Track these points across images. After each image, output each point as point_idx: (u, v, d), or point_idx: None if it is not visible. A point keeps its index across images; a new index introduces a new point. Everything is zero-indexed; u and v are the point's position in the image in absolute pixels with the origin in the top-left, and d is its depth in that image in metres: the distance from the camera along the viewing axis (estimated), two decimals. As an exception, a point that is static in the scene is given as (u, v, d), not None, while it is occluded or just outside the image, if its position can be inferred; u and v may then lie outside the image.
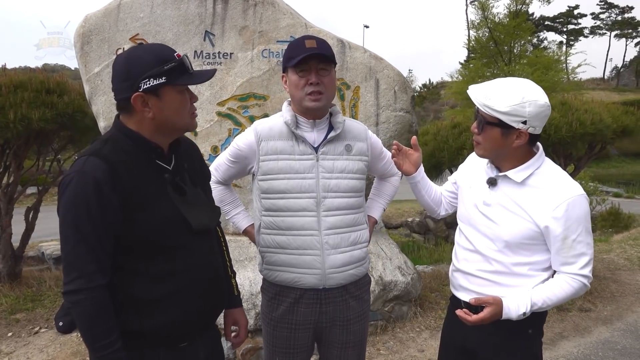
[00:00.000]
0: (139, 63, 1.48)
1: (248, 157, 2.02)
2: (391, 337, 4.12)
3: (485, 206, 1.87)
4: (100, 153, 1.47)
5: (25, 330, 4.31)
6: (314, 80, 1.91)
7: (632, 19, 58.38)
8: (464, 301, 1.91)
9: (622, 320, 4.70)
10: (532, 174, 1.78)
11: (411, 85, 4.70)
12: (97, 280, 1.42)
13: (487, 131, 1.77)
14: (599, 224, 11.26)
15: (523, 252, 1.79)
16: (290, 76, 1.96)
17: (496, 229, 1.82)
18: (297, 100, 1.96)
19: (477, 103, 1.75)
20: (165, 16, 4.21)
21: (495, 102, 1.70)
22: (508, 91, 1.70)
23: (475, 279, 1.88)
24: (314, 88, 1.92)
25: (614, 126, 4.87)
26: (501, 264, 1.81)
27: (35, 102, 4.50)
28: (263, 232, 2.03)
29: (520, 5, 26.74)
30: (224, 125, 4.28)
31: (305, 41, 1.93)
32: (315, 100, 1.93)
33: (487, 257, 1.84)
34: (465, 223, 1.97)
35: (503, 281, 1.82)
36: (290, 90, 1.99)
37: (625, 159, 33.28)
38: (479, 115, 1.79)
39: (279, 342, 2.04)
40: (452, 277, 2.03)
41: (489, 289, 1.83)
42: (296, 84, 1.94)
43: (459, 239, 2.00)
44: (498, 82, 1.77)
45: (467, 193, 1.99)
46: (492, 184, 1.86)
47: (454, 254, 2.03)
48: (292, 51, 1.94)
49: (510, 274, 1.81)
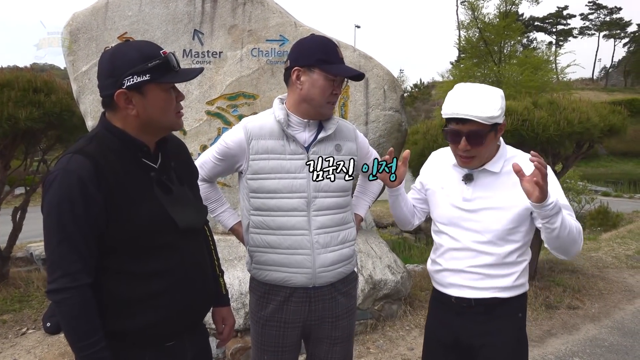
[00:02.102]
0: (124, 59, 1.47)
1: (237, 156, 2.00)
2: (381, 335, 4.13)
3: (465, 202, 1.91)
4: (85, 151, 1.46)
5: (13, 331, 4.27)
6: (339, 92, 1.97)
7: (620, 20, 58.89)
8: (455, 296, 1.95)
9: (610, 318, 4.75)
10: (505, 161, 1.87)
11: (401, 85, 4.71)
12: (82, 280, 1.41)
13: (485, 141, 1.80)
14: (587, 222, 11.36)
15: (512, 238, 1.85)
16: (317, 78, 1.90)
17: (483, 221, 1.86)
18: (317, 103, 1.93)
19: (480, 119, 1.74)
20: (154, 14, 4.19)
21: (491, 110, 1.75)
22: (489, 97, 1.78)
23: (468, 275, 1.92)
24: (334, 98, 1.97)
25: (601, 125, 4.90)
26: (492, 255, 1.86)
27: (22, 101, 4.45)
28: (252, 232, 2.02)
29: (510, 5, 26.91)
30: (213, 124, 4.26)
31: (337, 49, 1.95)
32: (332, 108, 1.97)
33: (477, 251, 1.88)
34: (445, 224, 1.99)
35: (495, 272, 1.87)
36: (309, 91, 1.92)
37: (614, 158, 33.57)
38: (472, 133, 1.78)
39: (268, 340, 2.04)
40: (439, 276, 2.04)
41: (482, 282, 1.88)
42: (323, 88, 1.91)
43: (442, 240, 2.01)
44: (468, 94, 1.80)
45: (440, 194, 2.01)
46: (470, 179, 1.91)
47: (438, 256, 2.03)
48: (326, 54, 1.91)
49: (502, 264, 1.87)
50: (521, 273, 1.91)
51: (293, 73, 1.93)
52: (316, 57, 1.90)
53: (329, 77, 1.91)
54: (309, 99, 1.93)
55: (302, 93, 1.93)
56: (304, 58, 1.92)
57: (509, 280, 1.88)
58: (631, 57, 55.16)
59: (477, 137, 1.79)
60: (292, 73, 1.94)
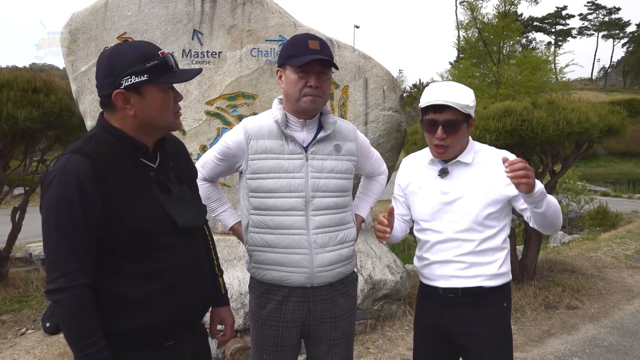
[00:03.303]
0: (122, 60, 1.47)
1: (237, 156, 2.01)
2: (380, 335, 4.13)
3: (444, 195, 2.02)
4: (83, 151, 1.45)
5: (12, 331, 4.27)
6: (314, 83, 1.90)
7: (619, 20, 58.98)
8: (442, 287, 2.03)
9: (609, 318, 4.75)
10: (475, 154, 2.02)
11: (400, 85, 4.71)
12: (80, 279, 1.41)
13: (459, 130, 1.94)
14: (587, 222, 11.38)
15: (489, 224, 1.97)
16: (288, 74, 1.93)
17: (460, 210, 1.98)
18: (293, 99, 1.94)
19: (454, 104, 1.90)
20: (153, 14, 4.18)
21: (463, 98, 1.92)
22: (458, 88, 1.96)
23: (454, 265, 2.00)
24: (312, 91, 1.91)
25: (600, 125, 4.90)
26: (473, 242, 1.97)
27: (22, 101, 4.46)
28: (251, 231, 2.02)
29: (509, 5, 26.93)
30: (213, 124, 4.26)
31: (308, 41, 1.90)
32: (312, 102, 1.93)
33: (459, 240, 1.99)
34: (428, 220, 2.08)
35: (479, 260, 1.98)
36: (286, 88, 1.96)
37: (613, 158, 33.59)
38: (448, 122, 1.92)
39: (267, 340, 2.04)
40: (426, 269, 2.11)
41: (468, 271, 1.98)
42: (295, 83, 1.91)
43: (426, 237, 2.09)
44: (443, 87, 1.97)
45: (420, 194, 2.11)
46: (445, 173, 2.02)
47: (424, 251, 2.10)
48: (293, 49, 1.92)
49: (484, 251, 1.98)
50: (504, 261, 2.02)
51: (277, 74, 2.02)
52: (285, 54, 1.95)
53: (296, 70, 1.90)
54: (288, 96, 1.97)
55: (284, 92, 1.99)
56: (280, 57, 1.99)
57: (492, 267, 1.98)
58: (630, 57, 55.28)
59: (453, 126, 1.93)
60: (277, 74, 2.02)
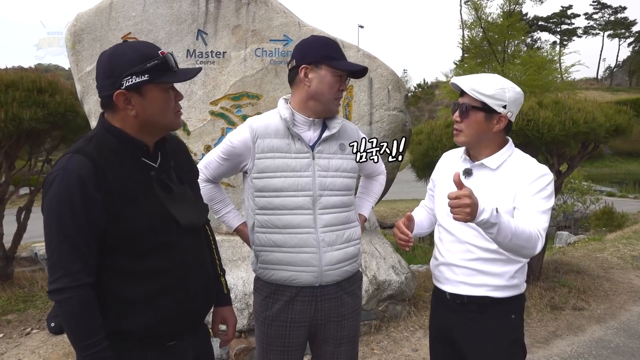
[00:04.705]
0: (122, 60, 1.47)
1: (242, 155, 2.00)
2: (385, 336, 4.11)
3: None
4: (85, 151, 1.46)
5: (17, 331, 4.28)
6: (344, 88, 2.02)
7: (625, 19, 58.69)
8: (450, 292, 1.98)
9: (616, 319, 4.71)
10: (505, 161, 1.92)
11: (405, 85, 4.69)
12: (82, 279, 1.40)
13: (471, 116, 1.89)
14: (592, 223, 11.32)
15: None
16: (325, 74, 1.95)
17: None
18: (325, 99, 1.97)
19: (465, 87, 1.88)
20: (158, 15, 4.18)
21: (481, 86, 1.86)
22: (490, 79, 1.90)
23: (461, 270, 1.95)
24: (341, 95, 2.02)
25: (607, 125, 4.86)
26: (483, 249, 1.88)
27: (27, 102, 4.46)
28: (258, 231, 2.02)
29: (514, 5, 26.86)
30: (217, 124, 4.26)
31: (339, 46, 2.03)
32: (338, 104, 2.02)
33: (469, 244, 1.91)
34: (445, 216, 2.01)
35: (487, 269, 1.90)
36: (318, 87, 1.95)
37: (619, 158, 33.40)
38: (461, 104, 1.91)
39: (274, 340, 2.03)
40: (436, 271, 2.08)
41: (474, 278, 1.91)
42: (331, 84, 1.96)
43: (441, 235, 2.06)
44: (480, 75, 1.95)
45: (444, 188, 2.04)
46: (468, 174, 1.96)
47: (437, 250, 2.08)
48: (331, 51, 1.97)
49: (494, 260, 1.89)
50: (515, 273, 1.91)
51: (300, 71, 1.96)
52: (322, 54, 1.95)
53: (336, 73, 1.96)
54: (318, 95, 1.96)
55: (311, 90, 1.96)
56: (310, 56, 1.96)
57: (501, 279, 1.89)
58: (636, 56, 55.02)
59: (465, 111, 1.90)
60: (299, 71, 1.96)
